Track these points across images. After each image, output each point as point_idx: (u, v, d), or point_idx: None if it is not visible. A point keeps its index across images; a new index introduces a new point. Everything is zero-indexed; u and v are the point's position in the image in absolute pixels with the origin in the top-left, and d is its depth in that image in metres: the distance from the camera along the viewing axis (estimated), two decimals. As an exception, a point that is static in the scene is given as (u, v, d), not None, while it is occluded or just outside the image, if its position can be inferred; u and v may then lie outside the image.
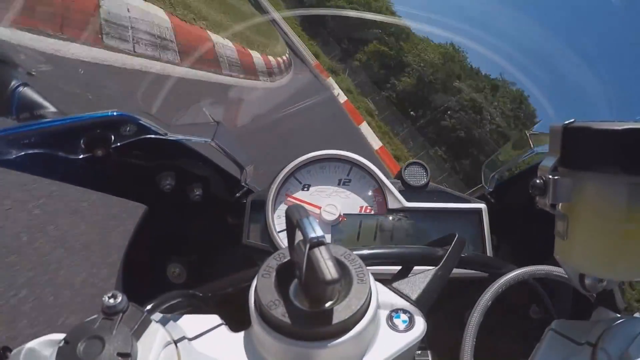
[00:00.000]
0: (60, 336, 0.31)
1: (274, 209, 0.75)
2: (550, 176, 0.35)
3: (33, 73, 0.63)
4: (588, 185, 0.35)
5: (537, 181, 0.36)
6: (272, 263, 0.36)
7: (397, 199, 0.77)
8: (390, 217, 0.76)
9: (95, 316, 0.31)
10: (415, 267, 0.49)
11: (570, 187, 0.35)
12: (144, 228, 0.72)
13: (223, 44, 7.41)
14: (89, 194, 2.29)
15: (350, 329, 0.32)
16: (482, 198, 0.81)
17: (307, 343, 0.31)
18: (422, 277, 0.43)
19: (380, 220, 0.76)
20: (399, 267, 0.50)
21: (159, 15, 5.63)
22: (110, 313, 0.31)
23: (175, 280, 0.72)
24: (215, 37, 7.11)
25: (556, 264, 0.42)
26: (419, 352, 0.63)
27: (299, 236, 0.33)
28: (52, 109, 0.62)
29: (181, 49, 5.61)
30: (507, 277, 0.49)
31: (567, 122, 0.35)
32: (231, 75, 7.14)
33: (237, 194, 0.78)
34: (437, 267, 0.44)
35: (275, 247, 0.72)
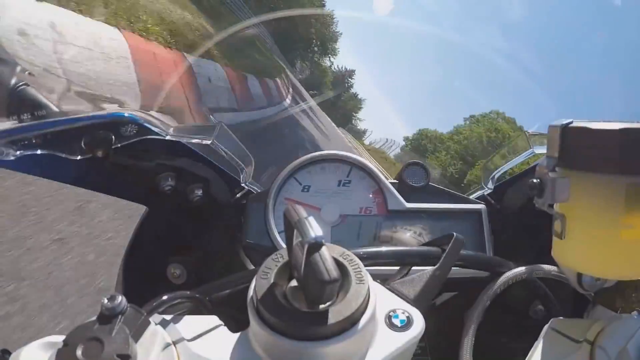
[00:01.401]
0: (59, 338, 0.31)
1: (274, 210, 0.75)
2: (548, 176, 0.35)
3: (33, 74, 0.63)
4: (586, 185, 0.35)
5: (535, 181, 0.36)
6: (270, 264, 0.36)
7: (397, 200, 0.77)
8: (390, 218, 0.76)
9: (94, 318, 0.31)
10: (414, 267, 0.49)
11: (568, 187, 0.35)
12: (144, 229, 0.72)
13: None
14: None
15: (349, 329, 0.32)
16: (481, 198, 0.81)
17: (306, 343, 0.31)
18: (420, 276, 0.43)
19: (380, 221, 0.76)
20: (398, 267, 0.50)
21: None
22: (109, 315, 0.31)
23: (175, 281, 0.72)
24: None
25: (555, 263, 0.42)
26: (419, 351, 0.63)
27: (297, 237, 0.33)
28: (53, 109, 0.62)
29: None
30: (505, 276, 0.49)
31: (565, 122, 0.35)
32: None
33: (237, 195, 0.78)
34: (435, 267, 0.44)
35: (275, 248, 0.72)
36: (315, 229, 0.31)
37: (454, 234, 0.47)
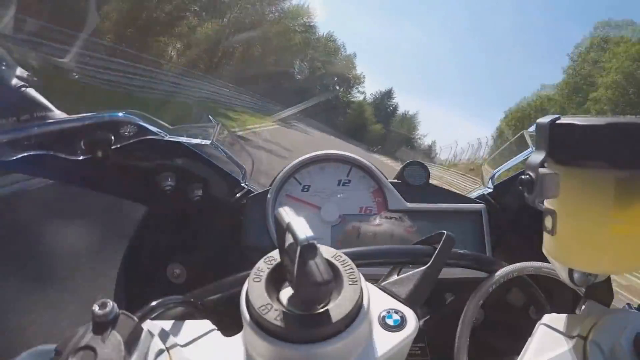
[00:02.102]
0: (51, 347, 0.31)
1: (274, 210, 0.75)
2: (537, 172, 0.35)
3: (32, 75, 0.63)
4: (575, 180, 0.35)
5: (525, 177, 0.36)
6: (262, 266, 0.36)
7: (396, 200, 0.77)
8: (390, 218, 0.76)
9: (86, 326, 0.31)
10: (406, 266, 0.48)
11: (558, 183, 0.35)
12: (144, 229, 0.73)
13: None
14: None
15: (343, 331, 0.32)
16: (481, 198, 0.80)
17: (299, 346, 0.31)
18: (411, 276, 0.43)
19: (380, 221, 0.76)
20: (390, 267, 0.50)
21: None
22: (101, 322, 0.31)
23: (175, 280, 0.72)
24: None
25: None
26: (419, 351, 0.63)
27: (289, 239, 0.33)
28: (52, 110, 0.63)
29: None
30: (497, 274, 0.49)
31: (553, 117, 0.35)
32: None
33: (237, 195, 0.79)
34: (426, 266, 0.44)
35: (274, 248, 0.72)
36: (306, 231, 0.31)
37: (445, 232, 0.47)
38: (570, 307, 0.49)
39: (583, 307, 0.41)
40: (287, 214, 0.33)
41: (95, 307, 0.31)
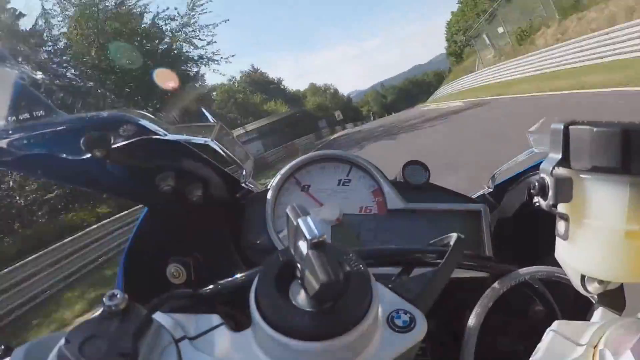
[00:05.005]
0: (62, 335, 0.31)
1: (274, 210, 0.75)
2: (551, 176, 0.35)
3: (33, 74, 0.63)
4: (589, 185, 0.35)
5: (538, 181, 0.36)
6: (272, 263, 0.36)
7: (396, 200, 0.76)
8: (390, 218, 0.76)
9: (96, 316, 0.31)
10: (416, 267, 0.48)
11: (571, 188, 0.35)
12: (144, 229, 0.72)
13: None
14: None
15: (351, 329, 0.32)
16: (481, 198, 0.80)
17: (307, 343, 0.31)
18: (422, 277, 0.43)
19: (380, 221, 0.76)
20: (400, 268, 0.50)
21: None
22: (111, 313, 0.31)
23: (175, 281, 0.71)
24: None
25: (557, 264, 0.41)
26: (420, 352, 0.63)
27: (299, 236, 0.33)
28: (51, 109, 0.62)
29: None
30: (508, 278, 0.49)
31: (567, 122, 0.35)
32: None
33: (237, 195, 0.78)
34: (437, 268, 0.44)
35: (274, 247, 0.72)
36: (317, 229, 0.31)
37: (457, 234, 0.47)
38: (581, 314, 0.49)
39: (594, 314, 0.41)
40: (298, 211, 0.33)
41: (106, 298, 0.31)
